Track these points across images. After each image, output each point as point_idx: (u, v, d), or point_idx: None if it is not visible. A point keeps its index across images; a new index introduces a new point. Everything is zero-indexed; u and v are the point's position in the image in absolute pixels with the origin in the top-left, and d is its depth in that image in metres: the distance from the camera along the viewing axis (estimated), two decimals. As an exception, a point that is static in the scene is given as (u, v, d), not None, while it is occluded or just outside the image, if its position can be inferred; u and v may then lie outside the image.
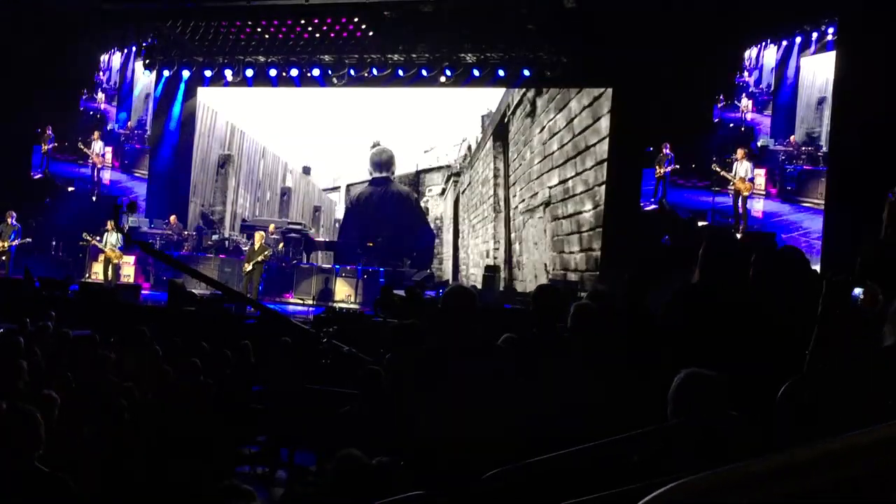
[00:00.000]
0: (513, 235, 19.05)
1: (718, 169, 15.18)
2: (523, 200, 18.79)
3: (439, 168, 20.86)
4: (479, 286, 16.65)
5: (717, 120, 15.66)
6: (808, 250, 13.06)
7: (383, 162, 20.91)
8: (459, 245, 20.86)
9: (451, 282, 18.88)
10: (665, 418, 3.14)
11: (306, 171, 21.96)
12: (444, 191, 21.17)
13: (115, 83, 20.21)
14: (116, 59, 20.22)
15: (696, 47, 14.20)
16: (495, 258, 19.16)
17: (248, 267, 16.37)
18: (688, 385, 3.09)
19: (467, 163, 20.46)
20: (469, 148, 20.36)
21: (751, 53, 15.70)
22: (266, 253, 16.49)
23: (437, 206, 21.11)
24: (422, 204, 21.02)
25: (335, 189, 21.94)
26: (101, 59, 20.03)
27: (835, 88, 14.07)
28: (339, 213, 21.83)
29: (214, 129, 21.55)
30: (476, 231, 20.49)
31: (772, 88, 15.40)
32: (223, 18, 17.88)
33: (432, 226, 20.90)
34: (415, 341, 5.11)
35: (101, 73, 20.11)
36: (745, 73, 15.69)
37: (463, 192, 20.84)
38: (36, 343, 8.39)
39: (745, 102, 15.64)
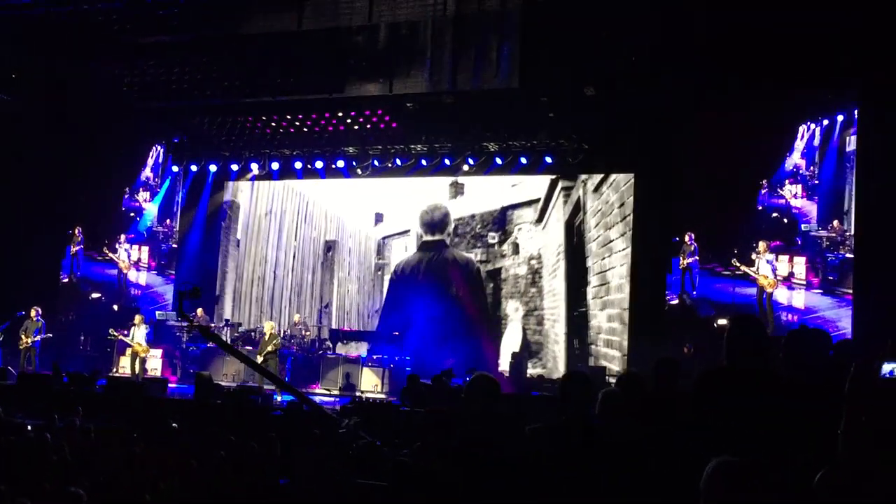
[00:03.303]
0: None
1: (738, 264, 14.56)
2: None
3: (529, 202, 17.59)
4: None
5: (760, 207, 14.91)
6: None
7: (436, 221, 18.30)
8: (588, 297, 16.31)
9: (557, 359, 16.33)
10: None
11: (379, 218, 19.17)
12: (541, 216, 17.11)
13: (156, 182, 20.53)
14: (152, 156, 20.62)
15: (727, 130, 14.16)
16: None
17: (260, 359, 15.57)
18: (720, 474, 3.02)
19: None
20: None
21: (804, 132, 14.75)
22: (276, 342, 16.15)
23: (530, 239, 17.37)
24: (511, 241, 17.55)
25: (405, 233, 18.92)
26: (149, 156, 20.41)
27: (857, 172, 13.69)
28: (390, 256, 18.72)
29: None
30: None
31: (815, 171, 14.61)
32: (249, 114, 18.27)
33: (525, 268, 17.24)
34: (443, 431, 5.06)
35: (146, 172, 20.43)
36: (796, 155, 14.81)
37: (600, 187, 16.21)
38: (63, 439, 8.38)
39: (791, 188, 14.75)
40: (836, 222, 14.27)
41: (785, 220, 14.82)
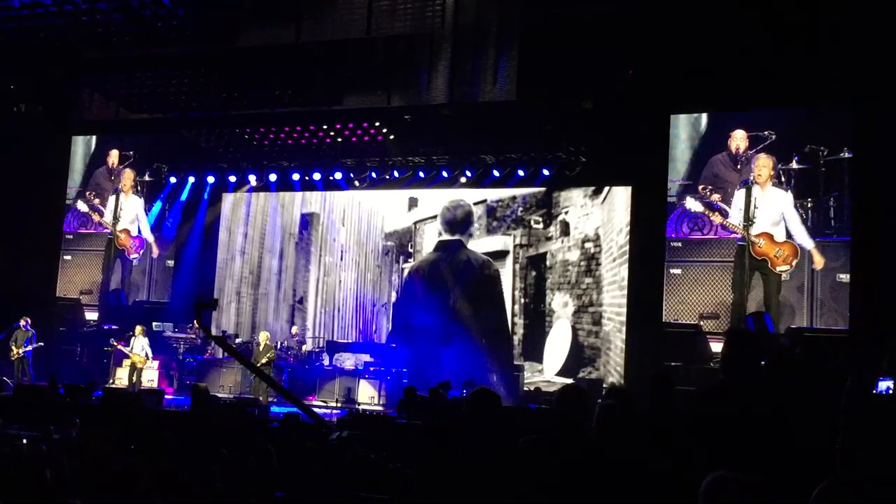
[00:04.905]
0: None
1: None
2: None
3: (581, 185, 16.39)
4: None
5: None
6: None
7: (457, 220, 17.20)
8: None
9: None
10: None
11: (413, 202, 18.09)
12: (598, 187, 15.32)
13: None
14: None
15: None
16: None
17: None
18: (716, 488, 3.01)
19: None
20: None
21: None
22: (270, 355, 16.19)
23: (584, 216, 15.63)
24: (561, 219, 15.93)
25: (434, 218, 17.65)
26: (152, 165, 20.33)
27: (852, 191, 13.63)
28: (422, 243, 17.14)
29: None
30: None
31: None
32: (247, 126, 18.29)
33: (577, 253, 15.15)
34: (440, 444, 5.05)
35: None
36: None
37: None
38: (59, 451, 8.34)
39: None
40: None
41: None
